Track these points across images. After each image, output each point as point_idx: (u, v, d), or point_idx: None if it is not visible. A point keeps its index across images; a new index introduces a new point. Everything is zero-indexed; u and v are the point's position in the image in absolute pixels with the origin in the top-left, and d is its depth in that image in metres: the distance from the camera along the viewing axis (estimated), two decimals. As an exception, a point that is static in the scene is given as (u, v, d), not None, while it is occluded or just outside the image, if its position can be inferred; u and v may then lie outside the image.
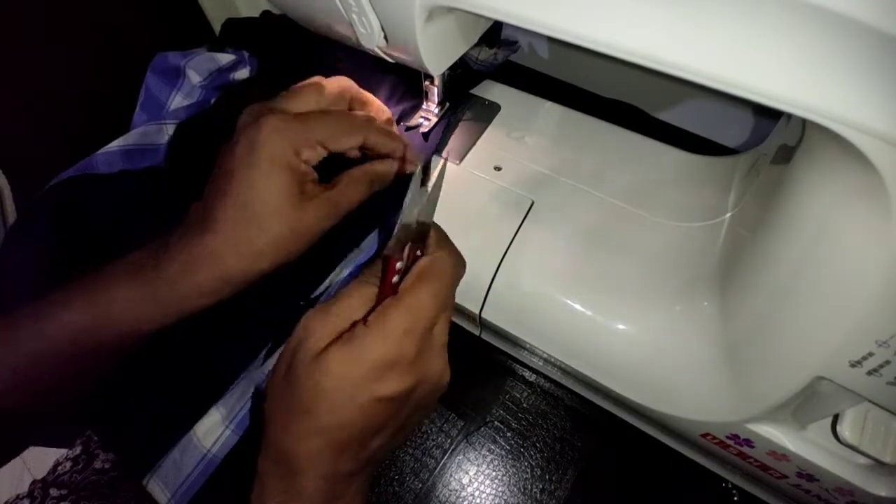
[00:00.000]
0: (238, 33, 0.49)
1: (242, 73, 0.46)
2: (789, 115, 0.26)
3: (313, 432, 0.22)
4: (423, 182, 0.27)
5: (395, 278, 0.25)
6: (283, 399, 0.23)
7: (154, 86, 0.43)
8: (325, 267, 0.36)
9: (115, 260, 0.28)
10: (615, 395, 0.33)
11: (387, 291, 0.25)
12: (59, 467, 0.36)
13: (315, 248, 0.36)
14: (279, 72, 0.46)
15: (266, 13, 0.50)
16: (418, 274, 0.25)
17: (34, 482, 0.36)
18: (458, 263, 0.27)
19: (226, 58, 0.45)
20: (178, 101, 0.43)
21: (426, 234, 0.28)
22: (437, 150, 0.41)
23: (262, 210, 0.27)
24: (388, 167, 0.33)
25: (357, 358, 0.22)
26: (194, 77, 0.43)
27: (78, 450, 0.37)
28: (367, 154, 0.33)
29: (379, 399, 0.22)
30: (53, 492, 0.35)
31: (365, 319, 0.24)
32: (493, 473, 0.37)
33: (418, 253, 0.27)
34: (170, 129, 0.42)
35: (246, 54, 0.46)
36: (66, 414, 0.33)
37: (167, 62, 0.43)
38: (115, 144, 0.39)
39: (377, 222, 0.37)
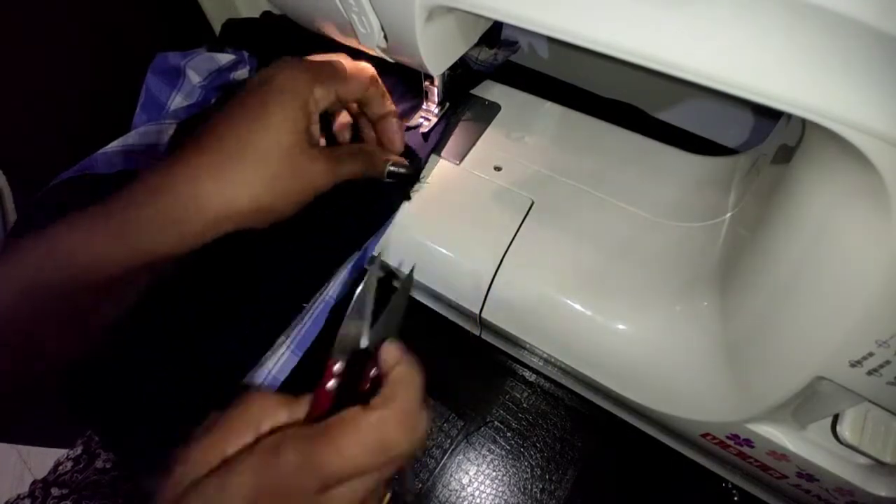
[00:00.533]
0: (238, 34, 0.49)
1: (242, 73, 0.46)
2: (789, 115, 0.26)
3: None
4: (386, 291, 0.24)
5: (332, 383, 0.22)
6: None
7: (154, 86, 0.43)
8: (328, 267, 0.36)
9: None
10: (615, 395, 0.33)
11: (321, 396, 0.21)
12: (61, 467, 0.36)
13: (318, 249, 0.36)
14: None
15: (266, 14, 0.50)
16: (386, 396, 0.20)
17: (35, 482, 0.36)
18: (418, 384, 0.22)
19: (225, 58, 0.45)
20: (178, 101, 0.44)
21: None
22: (437, 150, 0.41)
23: (266, 140, 0.26)
24: (378, 157, 0.33)
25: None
26: (194, 77, 0.44)
27: (79, 450, 0.37)
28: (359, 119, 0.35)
29: None
30: (55, 491, 0.35)
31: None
32: (493, 473, 0.37)
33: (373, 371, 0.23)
34: (170, 130, 0.42)
35: (246, 54, 0.46)
36: (59, 378, 0.31)
37: (167, 62, 0.43)
38: (116, 144, 0.39)
39: (379, 224, 0.37)
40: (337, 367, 0.22)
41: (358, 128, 0.36)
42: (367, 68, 0.32)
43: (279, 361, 0.34)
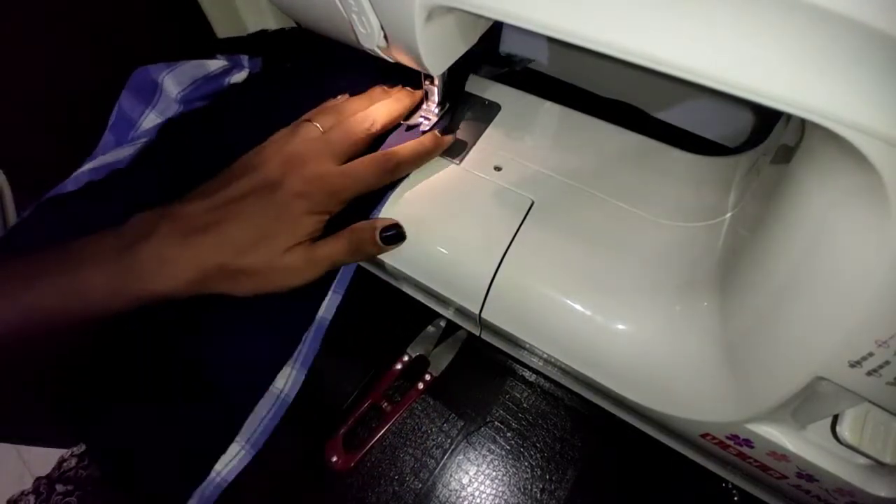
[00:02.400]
0: (243, 46, 0.47)
1: (240, 76, 0.44)
2: (789, 116, 0.26)
3: None
4: None
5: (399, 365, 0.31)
6: None
7: (127, 104, 0.40)
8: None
9: (84, 239, 0.28)
10: (615, 395, 0.33)
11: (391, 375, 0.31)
12: (65, 464, 0.37)
13: None
14: (291, 76, 0.44)
15: (262, 32, 0.49)
16: None
17: (38, 478, 0.36)
18: None
19: (216, 64, 0.43)
20: (151, 118, 0.41)
21: None
22: None
23: (261, 256, 0.29)
24: (366, 233, 0.34)
25: None
26: (172, 89, 0.40)
27: (83, 447, 0.37)
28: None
29: None
30: (59, 487, 0.35)
31: None
32: (493, 473, 0.37)
33: None
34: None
35: (246, 58, 0.44)
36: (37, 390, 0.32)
37: (146, 77, 0.40)
38: (85, 168, 0.37)
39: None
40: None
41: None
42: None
43: (288, 381, 0.34)
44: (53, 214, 0.35)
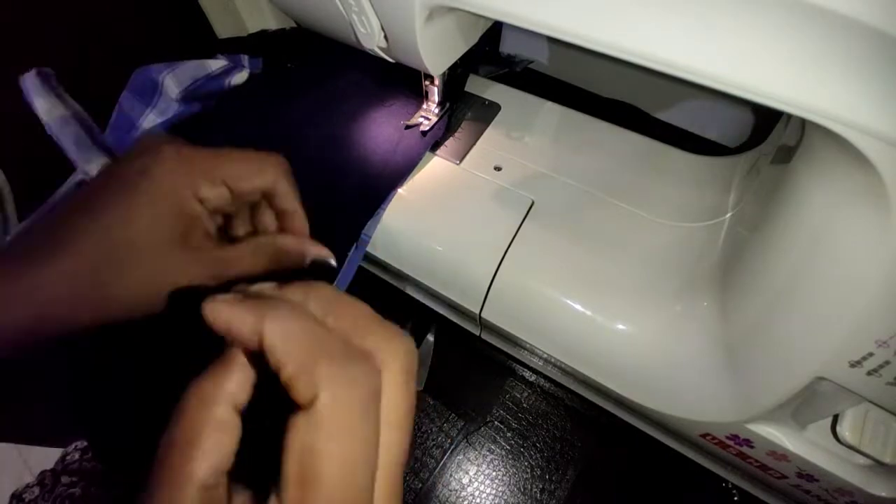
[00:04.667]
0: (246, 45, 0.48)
1: (241, 77, 0.44)
2: (789, 115, 0.26)
3: None
4: None
5: None
6: None
7: (127, 104, 0.40)
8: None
9: None
10: (615, 395, 0.33)
11: None
12: (68, 457, 0.37)
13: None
14: (292, 75, 0.44)
15: (262, 32, 0.49)
16: None
17: (44, 471, 0.36)
18: None
19: (216, 64, 0.43)
20: (151, 118, 0.41)
21: None
22: (434, 148, 0.41)
23: (129, 246, 0.22)
24: (297, 244, 0.25)
25: None
26: (172, 89, 0.40)
27: (85, 442, 0.37)
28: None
29: None
30: (64, 479, 0.35)
31: None
32: (493, 473, 0.37)
33: None
34: None
35: (246, 58, 0.45)
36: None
37: (146, 77, 0.40)
38: (92, 169, 0.37)
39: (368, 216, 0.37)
40: None
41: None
42: (274, 162, 0.25)
43: None
44: None
